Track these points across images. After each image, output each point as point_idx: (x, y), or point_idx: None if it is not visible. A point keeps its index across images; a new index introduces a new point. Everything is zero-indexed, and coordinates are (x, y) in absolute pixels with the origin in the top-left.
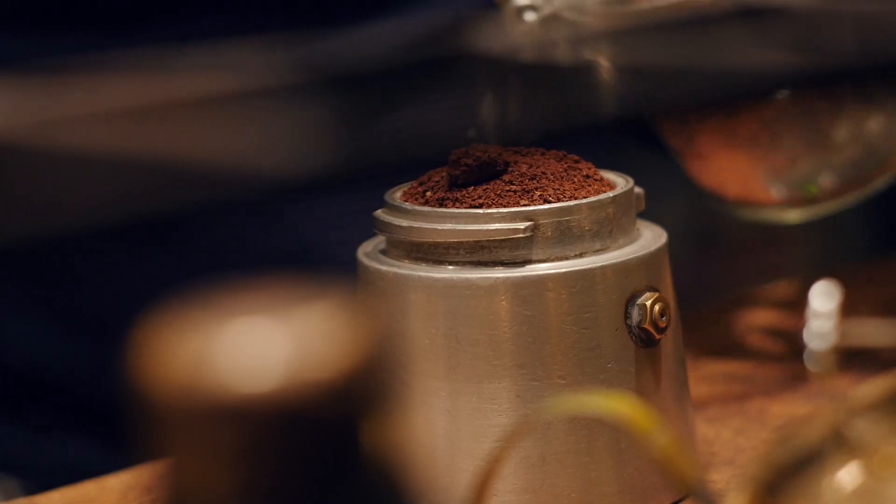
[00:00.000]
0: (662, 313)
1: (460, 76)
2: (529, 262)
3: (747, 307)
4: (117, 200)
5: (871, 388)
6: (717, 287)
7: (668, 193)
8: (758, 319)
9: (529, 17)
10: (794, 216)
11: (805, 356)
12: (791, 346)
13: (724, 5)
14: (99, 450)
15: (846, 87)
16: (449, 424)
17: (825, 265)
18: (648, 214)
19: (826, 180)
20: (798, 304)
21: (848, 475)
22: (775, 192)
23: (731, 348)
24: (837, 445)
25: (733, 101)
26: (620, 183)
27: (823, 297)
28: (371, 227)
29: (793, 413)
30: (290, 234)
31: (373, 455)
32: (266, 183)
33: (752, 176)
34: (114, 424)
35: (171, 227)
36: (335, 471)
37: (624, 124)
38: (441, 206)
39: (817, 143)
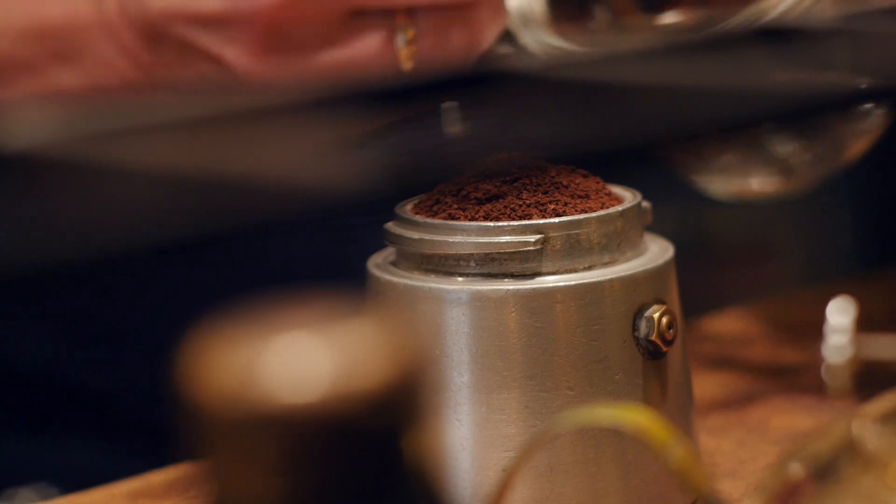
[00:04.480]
0: (670, 326)
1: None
2: (539, 274)
3: (745, 319)
4: (152, 217)
5: (885, 401)
6: (715, 299)
7: (666, 205)
8: (755, 332)
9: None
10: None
11: (823, 370)
12: (791, 358)
13: (744, 27)
14: (109, 457)
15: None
16: (458, 434)
17: (819, 279)
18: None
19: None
20: (792, 318)
21: (861, 487)
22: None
23: (732, 360)
24: (851, 457)
25: (751, 123)
26: (628, 197)
27: (840, 313)
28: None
29: (793, 425)
30: (307, 247)
31: (405, 463)
32: (305, 199)
33: None
34: (127, 432)
35: (206, 243)
36: (375, 479)
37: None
38: (452, 218)
39: None
